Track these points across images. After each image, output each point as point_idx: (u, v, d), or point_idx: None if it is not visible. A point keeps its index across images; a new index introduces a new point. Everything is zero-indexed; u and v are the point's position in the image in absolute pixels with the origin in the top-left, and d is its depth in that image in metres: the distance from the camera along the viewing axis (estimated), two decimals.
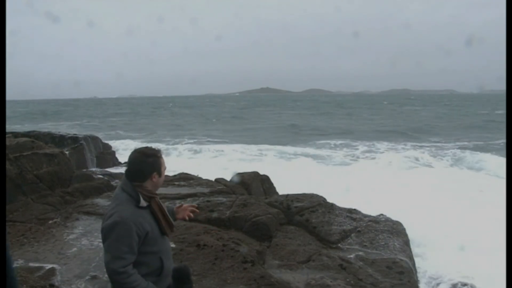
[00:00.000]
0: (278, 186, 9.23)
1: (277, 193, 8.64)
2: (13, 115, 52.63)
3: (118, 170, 11.37)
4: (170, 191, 7.61)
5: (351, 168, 16.44)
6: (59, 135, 12.60)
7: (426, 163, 17.07)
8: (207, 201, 6.72)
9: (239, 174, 8.80)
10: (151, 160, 2.29)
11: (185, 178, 8.91)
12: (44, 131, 13.02)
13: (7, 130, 10.47)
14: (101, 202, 7.08)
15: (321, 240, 5.59)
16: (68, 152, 10.28)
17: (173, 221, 2.54)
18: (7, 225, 5.27)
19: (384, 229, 5.82)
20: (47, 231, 5.78)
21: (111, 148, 14.84)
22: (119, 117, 53.87)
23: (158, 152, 2.34)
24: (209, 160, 18.26)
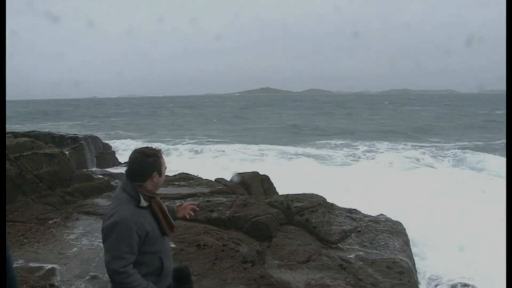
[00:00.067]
0: (278, 186, 9.23)
1: (277, 193, 8.64)
2: (13, 115, 52.64)
3: (118, 170, 11.37)
4: (170, 191, 7.60)
5: (351, 168, 16.44)
6: (59, 135, 12.61)
7: (426, 163, 17.07)
8: (207, 201, 6.71)
9: (239, 174, 8.80)
10: (151, 160, 2.29)
11: (185, 178, 8.91)
12: (44, 131, 13.03)
13: (7, 130, 10.47)
14: (101, 202, 7.08)
15: (321, 240, 5.58)
16: (68, 152, 10.28)
17: (174, 220, 2.55)
18: (7, 225, 5.27)
19: (384, 229, 5.82)
20: (47, 231, 5.78)
21: (111, 148, 14.85)
22: (120, 117, 53.88)
23: (158, 152, 2.34)
24: (209, 160, 18.24)
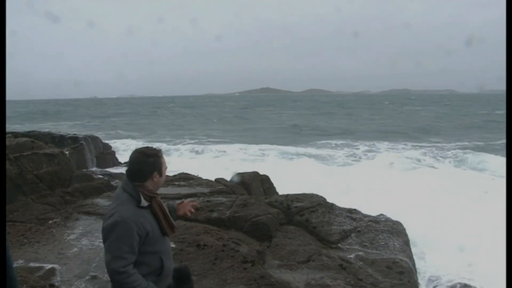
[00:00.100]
0: (278, 186, 9.23)
1: (277, 193, 8.64)
2: (13, 115, 52.65)
3: (118, 170, 11.37)
4: (170, 191, 7.60)
5: (351, 168, 16.43)
6: (59, 135, 12.61)
7: (426, 163, 17.07)
8: (207, 201, 6.71)
9: (239, 174, 8.79)
10: (151, 160, 2.29)
11: (185, 178, 8.91)
12: (44, 131, 13.03)
13: (7, 130, 10.47)
14: (101, 202, 7.08)
15: (321, 240, 5.58)
16: (68, 152, 10.28)
17: (175, 218, 2.56)
18: (7, 225, 5.27)
19: (384, 229, 5.82)
20: (47, 231, 5.78)
21: (111, 148, 14.85)
22: (120, 117, 53.88)
23: (158, 152, 2.35)
24: (210, 160, 18.23)
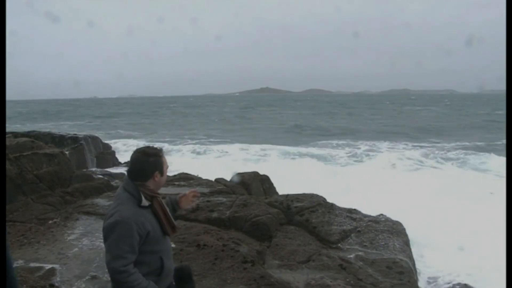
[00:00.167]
0: (280, 186, 9.22)
1: (277, 193, 8.64)
2: (13, 115, 52.67)
3: (118, 170, 11.37)
4: (170, 191, 7.60)
5: (352, 168, 16.44)
6: (59, 135, 12.61)
7: (426, 164, 17.05)
8: (207, 201, 6.71)
9: (239, 174, 8.79)
10: (152, 159, 2.29)
11: (185, 178, 8.91)
12: (44, 131, 13.02)
13: (7, 130, 10.47)
14: (101, 202, 7.08)
15: (321, 240, 5.58)
16: (68, 152, 10.28)
17: (177, 211, 2.60)
18: (7, 225, 5.28)
19: (384, 229, 5.82)
20: (47, 231, 5.78)
21: (111, 148, 14.84)
22: (121, 117, 53.90)
23: (159, 151, 2.35)
24: (212, 160, 18.23)
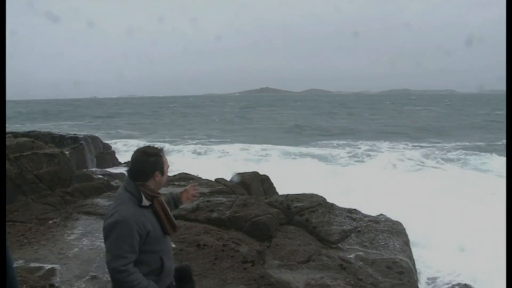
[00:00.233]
0: (280, 186, 9.22)
1: (277, 193, 8.64)
2: (13, 115, 52.66)
3: (118, 170, 11.36)
4: (170, 191, 7.60)
5: (353, 168, 16.43)
6: (59, 135, 12.60)
7: (427, 164, 17.05)
8: (207, 201, 6.71)
9: (239, 174, 8.79)
10: (153, 159, 2.29)
11: (185, 178, 8.91)
12: (44, 131, 13.01)
13: (7, 130, 10.47)
14: (101, 202, 7.08)
15: (321, 240, 5.58)
16: (68, 152, 10.28)
17: (178, 206, 2.64)
18: (7, 225, 5.27)
19: (384, 229, 5.82)
20: (47, 231, 5.78)
21: (111, 148, 14.83)
22: (121, 117, 53.89)
23: (160, 151, 2.35)
24: (213, 160, 18.23)
